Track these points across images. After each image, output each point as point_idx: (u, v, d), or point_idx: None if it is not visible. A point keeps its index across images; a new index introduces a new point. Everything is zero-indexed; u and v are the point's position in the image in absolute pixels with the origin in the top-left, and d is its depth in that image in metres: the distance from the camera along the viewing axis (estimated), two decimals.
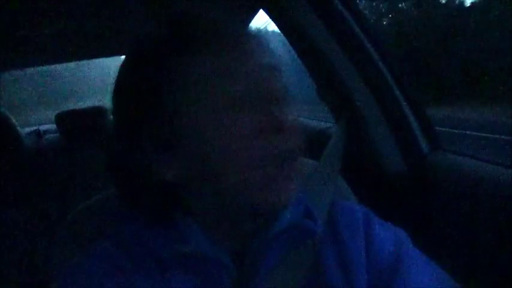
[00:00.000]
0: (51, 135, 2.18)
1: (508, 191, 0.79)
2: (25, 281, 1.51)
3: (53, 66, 2.61)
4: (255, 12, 1.20)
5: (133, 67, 0.53)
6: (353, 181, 0.78)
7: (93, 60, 2.65)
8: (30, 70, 2.57)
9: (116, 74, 0.54)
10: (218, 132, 0.46)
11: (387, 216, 0.60)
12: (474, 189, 0.86)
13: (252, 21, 1.27)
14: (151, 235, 0.52)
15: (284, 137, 0.47)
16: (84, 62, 2.66)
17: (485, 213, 0.82)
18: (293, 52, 1.12)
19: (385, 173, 1.04)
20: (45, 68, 2.66)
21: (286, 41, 1.09)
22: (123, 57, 0.56)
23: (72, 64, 2.70)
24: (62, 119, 1.97)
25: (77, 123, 1.94)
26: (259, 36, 0.52)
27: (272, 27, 1.12)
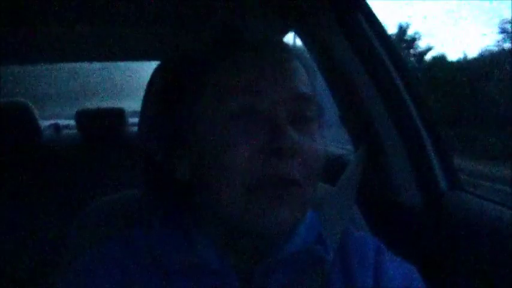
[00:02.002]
0: (69, 131, 2.21)
1: None
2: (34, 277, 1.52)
3: (77, 64, 2.67)
4: (286, 33, 1.21)
5: (164, 73, 0.55)
6: (367, 211, 0.76)
7: (118, 63, 2.71)
8: (55, 66, 2.63)
9: (139, 79, 0.56)
10: (220, 143, 0.46)
11: (398, 249, 0.59)
12: (490, 232, 0.84)
13: None
14: (161, 242, 0.52)
15: (286, 161, 0.44)
16: (109, 64, 2.72)
17: (499, 258, 0.80)
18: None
19: (401, 206, 1.03)
20: (69, 65, 2.72)
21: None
22: (147, 63, 0.61)
23: (97, 65, 2.75)
24: (82, 116, 2.00)
25: (96, 122, 1.98)
26: (293, 57, 0.51)
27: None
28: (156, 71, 0.61)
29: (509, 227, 0.82)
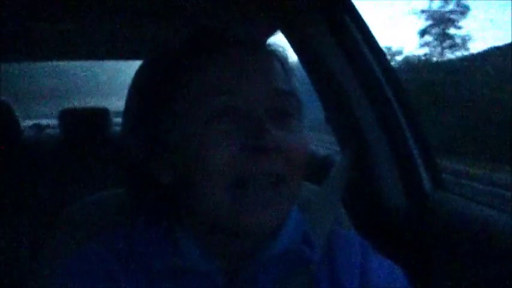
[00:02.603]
0: (52, 130, 2.18)
1: (508, 236, 0.78)
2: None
3: (60, 63, 2.63)
4: (272, 33, 1.21)
5: (145, 73, 0.55)
6: (352, 211, 0.76)
7: (101, 62, 2.67)
8: (37, 64, 2.59)
9: (123, 78, 0.56)
10: (201, 144, 0.45)
11: (383, 249, 0.59)
12: (473, 232, 0.85)
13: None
14: (145, 243, 0.51)
15: (269, 158, 0.45)
16: (93, 63, 2.68)
17: (483, 256, 0.81)
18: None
19: (386, 206, 1.04)
20: (52, 64, 2.68)
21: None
22: (130, 62, 0.61)
23: (80, 64, 2.72)
24: (66, 116, 1.97)
25: (80, 122, 1.95)
26: (271, 56, 0.51)
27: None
28: (138, 71, 0.60)
29: (492, 226, 0.83)
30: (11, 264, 1.52)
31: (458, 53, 2.09)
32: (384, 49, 1.01)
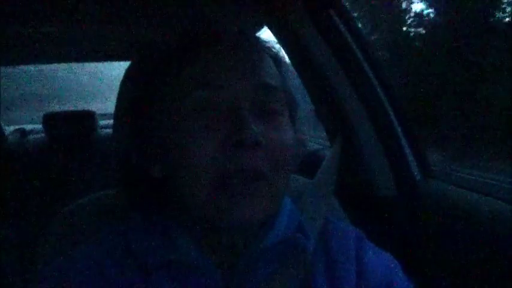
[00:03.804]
0: (37, 135, 2.14)
1: (497, 222, 0.80)
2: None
3: (43, 66, 2.58)
4: (259, 28, 1.21)
5: (133, 73, 0.57)
6: (345, 202, 0.77)
7: (85, 65, 2.63)
8: (17, 68, 2.54)
9: (108, 81, 0.57)
10: (183, 139, 0.45)
11: (376, 238, 0.60)
12: (463, 218, 0.86)
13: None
14: (139, 240, 0.51)
15: (249, 154, 0.44)
16: (76, 65, 2.64)
17: (473, 242, 0.83)
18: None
19: (377, 196, 1.05)
20: (34, 67, 2.63)
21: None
22: (115, 63, 0.62)
23: (63, 66, 2.67)
24: (50, 120, 1.94)
25: (65, 125, 1.92)
26: (261, 52, 0.51)
27: None
28: (126, 71, 0.60)
29: (481, 212, 0.85)
30: None
31: None
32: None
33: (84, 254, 0.51)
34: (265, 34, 1.11)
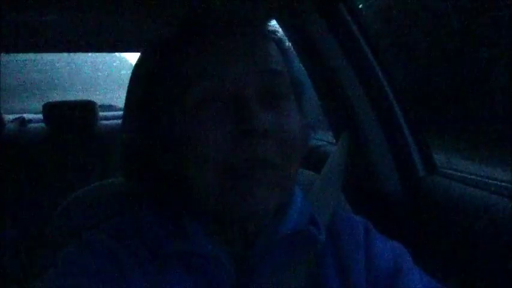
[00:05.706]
0: (36, 124, 2.13)
1: (500, 218, 0.80)
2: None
3: (43, 55, 2.56)
4: (267, 20, 1.20)
5: (141, 65, 0.56)
6: (349, 197, 0.77)
7: (86, 55, 2.62)
8: (18, 56, 2.52)
9: (108, 72, 0.56)
10: (190, 131, 0.45)
11: (381, 233, 0.60)
12: (466, 214, 0.87)
13: None
14: (151, 229, 0.51)
15: (257, 143, 0.44)
16: (77, 56, 2.63)
17: (476, 239, 0.83)
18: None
19: (380, 191, 1.05)
20: (34, 56, 2.61)
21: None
22: (117, 54, 0.61)
23: (64, 56, 2.66)
24: (49, 109, 1.93)
25: (65, 115, 1.92)
26: (265, 37, 0.51)
27: None
28: (135, 64, 0.60)
29: (484, 208, 0.85)
30: None
31: None
32: None
33: (96, 240, 0.50)
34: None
